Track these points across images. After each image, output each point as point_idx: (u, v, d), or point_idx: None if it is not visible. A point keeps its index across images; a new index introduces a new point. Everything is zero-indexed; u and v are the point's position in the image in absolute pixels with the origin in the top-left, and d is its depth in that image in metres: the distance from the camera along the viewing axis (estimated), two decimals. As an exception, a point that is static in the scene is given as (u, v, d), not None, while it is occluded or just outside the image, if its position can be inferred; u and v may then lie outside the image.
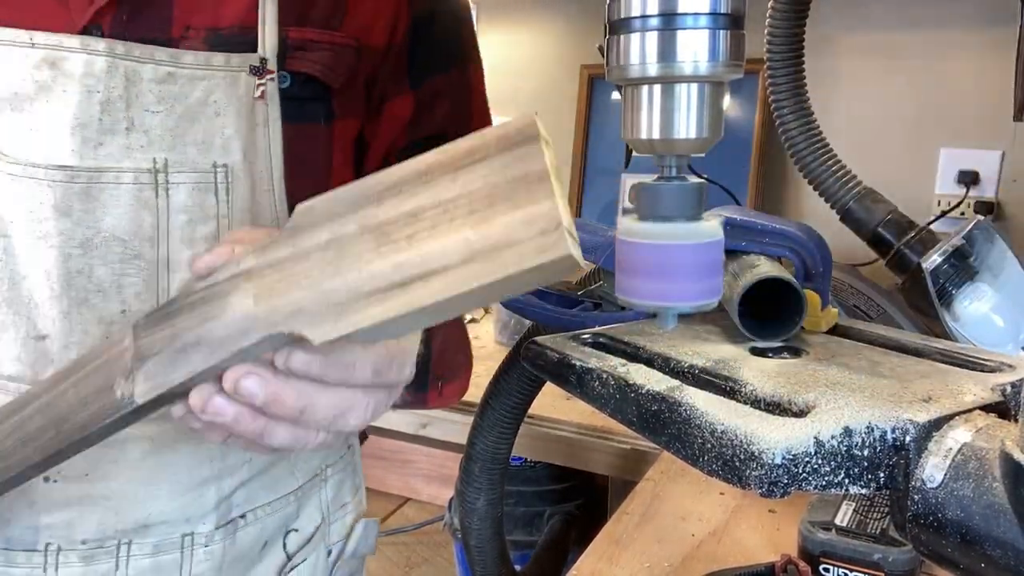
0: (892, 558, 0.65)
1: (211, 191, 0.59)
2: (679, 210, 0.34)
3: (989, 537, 0.34)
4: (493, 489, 0.87)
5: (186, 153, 0.58)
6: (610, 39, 0.34)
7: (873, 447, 0.38)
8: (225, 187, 0.59)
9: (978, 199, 1.54)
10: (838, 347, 0.53)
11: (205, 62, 0.58)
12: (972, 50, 1.50)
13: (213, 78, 0.58)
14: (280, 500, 0.71)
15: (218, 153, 0.59)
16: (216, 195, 0.59)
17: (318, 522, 0.75)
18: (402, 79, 0.70)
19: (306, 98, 0.63)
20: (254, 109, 0.60)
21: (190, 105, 0.58)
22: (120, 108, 0.56)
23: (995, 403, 0.41)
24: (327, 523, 0.77)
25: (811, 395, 0.42)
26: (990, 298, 0.89)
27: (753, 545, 0.82)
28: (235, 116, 0.59)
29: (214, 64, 0.58)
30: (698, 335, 0.54)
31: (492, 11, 1.97)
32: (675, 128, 0.34)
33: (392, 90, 0.69)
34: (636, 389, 0.45)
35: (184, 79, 0.57)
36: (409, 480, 1.92)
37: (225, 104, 0.59)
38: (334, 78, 0.64)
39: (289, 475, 0.72)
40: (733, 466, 0.38)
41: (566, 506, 1.46)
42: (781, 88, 0.87)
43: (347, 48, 0.64)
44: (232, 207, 0.60)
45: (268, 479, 0.69)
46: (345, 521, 0.80)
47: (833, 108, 1.62)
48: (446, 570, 1.68)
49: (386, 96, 0.69)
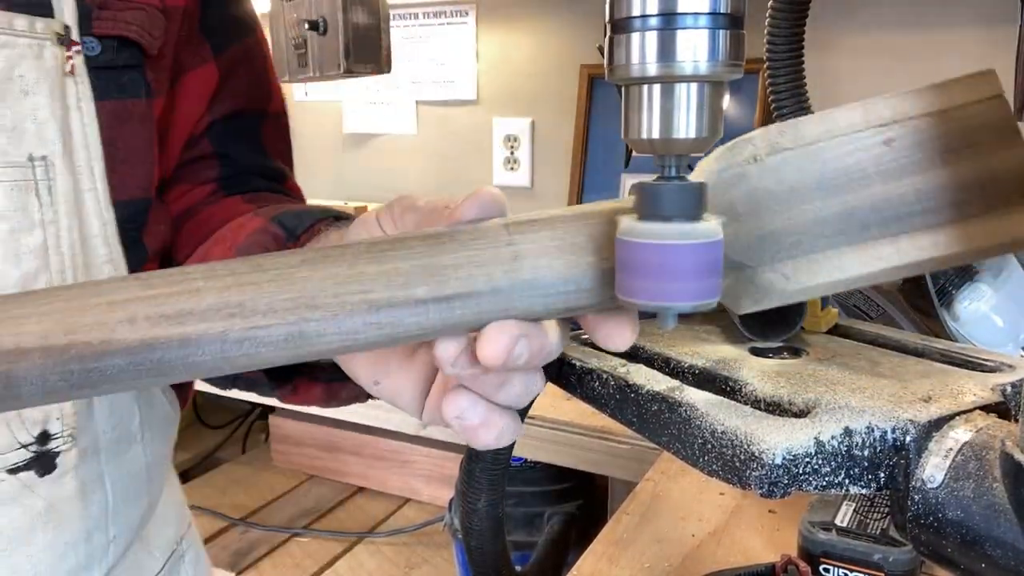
0: (892, 558, 0.65)
1: (31, 191, 0.47)
2: (679, 210, 0.34)
3: (989, 537, 0.34)
4: (494, 489, 0.87)
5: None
6: (610, 39, 0.34)
7: (873, 447, 0.38)
8: (47, 185, 0.48)
9: (978, 199, 1.54)
10: (838, 347, 0.53)
11: (7, 25, 0.46)
12: (972, 50, 1.50)
13: (15, 46, 0.46)
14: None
15: (33, 142, 0.47)
16: (38, 196, 0.48)
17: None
18: (202, 46, 0.60)
19: (122, 66, 0.52)
20: (65, 88, 0.49)
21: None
22: None
23: (995, 403, 0.41)
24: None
25: (811, 395, 0.42)
26: (990, 298, 0.89)
27: (753, 545, 0.82)
28: (47, 96, 0.48)
29: (17, 28, 0.46)
30: (698, 335, 0.54)
31: (492, 11, 1.97)
32: (675, 128, 0.34)
33: (191, 60, 0.60)
34: (636, 389, 0.45)
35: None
36: (409, 480, 1.92)
37: (34, 80, 0.47)
38: (151, 42, 0.53)
39: (149, 556, 0.63)
40: (733, 466, 0.38)
41: (566, 506, 1.46)
42: (781, 88, 0.87)
43: (153, 7, 0.54)
44: (57, 211, 0.48)
45: (132, 563, 0.61)
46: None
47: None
48: (446, 570, 1.68)
49: (185, 67, 0.60)
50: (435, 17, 2.05)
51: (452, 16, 2.02)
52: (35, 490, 0.52)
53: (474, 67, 2.03)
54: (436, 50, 2.07)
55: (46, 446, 0.52)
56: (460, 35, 2.03)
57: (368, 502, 1.95)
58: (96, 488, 0.56)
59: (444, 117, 2.10)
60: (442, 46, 2.06)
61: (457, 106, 2.08)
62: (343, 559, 1.74)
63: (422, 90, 2.11)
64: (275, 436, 2.10)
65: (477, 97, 2.04)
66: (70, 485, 0.54)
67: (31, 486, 0.52)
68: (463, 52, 2.03)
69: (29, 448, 0.51)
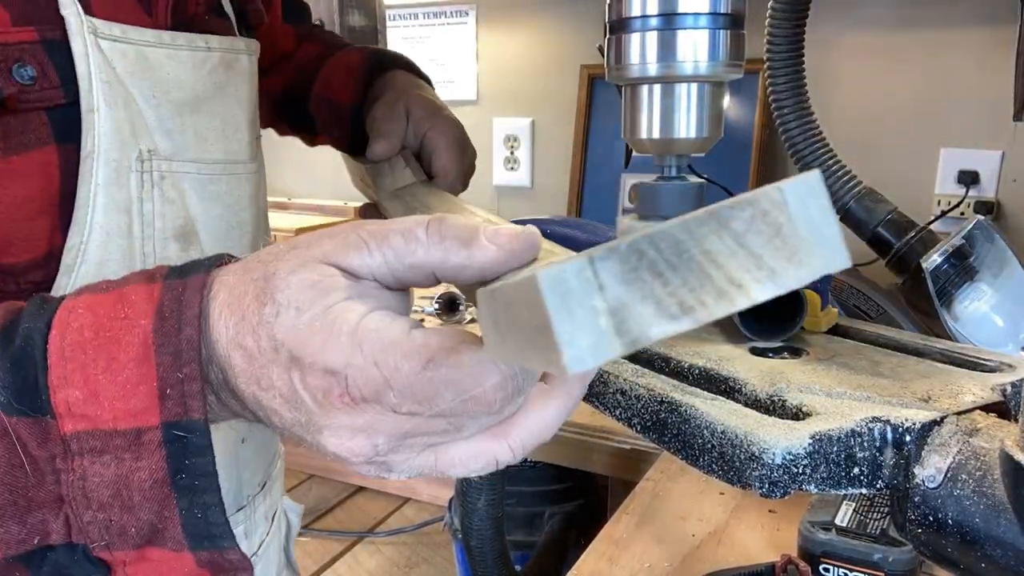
0: (892, 558, 0.65)
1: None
2: (679, 209, 0.34)
3: (989, 537, 0.34)
4: (494, 489, 0.87)
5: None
6: (610, 39, 0.34)
7: (873, 447, 0.38)
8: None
9: (978, 199, 1.54)
10: (838, 347, 0.53)
11: (229, 46, 0.59)
12: (972, 50, 1.50)
13: (236, 62, 0.61)
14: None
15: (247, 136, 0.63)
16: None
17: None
18: None
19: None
20: (253, 87, 0.63)
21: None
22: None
23: (995, 403, 0.41)
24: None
25: (811, 395, 0.42)
26: (990, 298, 0.89)
27: (753, 545, 0.82)
28: (248, 100, 0.62)
29: (237, 48, 0.60)
30: (698, 335, 0.54)
31: (492, 11, 1.97)
32: (675, 128, 0.34)
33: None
34: (636, 389, 0.45)
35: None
36: (409, 480, 1.91)
37: (241, 88, 0.60)
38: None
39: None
40: (733, 466, 0.38)
41: (566, 506, 1.46)
42: (781, 88, 0.87)
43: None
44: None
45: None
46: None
47: (833, 108, 1.62)
48: (446, 570, 1.68)
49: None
50: (435, 17, 2.05)
51: (452, 16, 2.02)
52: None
53: (474, 67, 2.03)
54: (436, 50, 2.07)
55: None
56: (460, 35, 2.03)
57: (368, 502, 1.95)
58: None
59: (444, 117, 2.10)
60: (442, 46, 2.06)
61: (457, 106, 2.07)
62: (343, 559, 1.74)
63: (422, 90, 2.11)
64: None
65: (477, 97, 2.04)
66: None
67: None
68: (463, 52, 2.03)
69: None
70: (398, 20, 2.07)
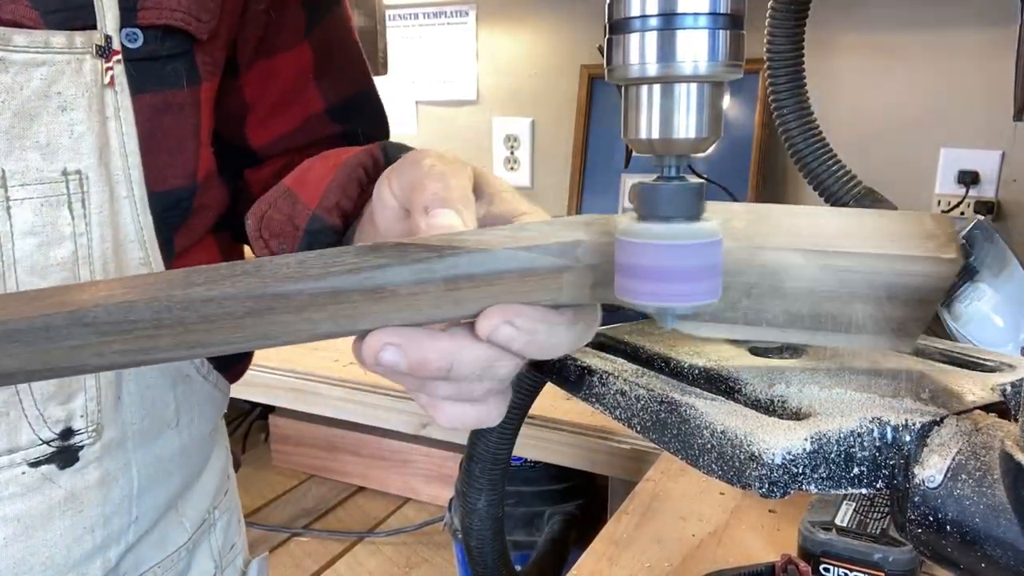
0: (892, 558, 0.65)
1: (63, 205, 0.48)
2: (679, 210, 0.34)
3: (989, 537, 0.34)
4: (494, 489, 0.87)
5: (27, 160, 0.46)
6: (610, 39, 0.34)
7: (873, 447, 0.38)
8: (80, 198, 0.48)
9: (978, 199, 1.54)
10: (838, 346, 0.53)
11: (43, 44, 0.46)
12: (972, 50, 1.50)
13: (54, 63, 0.46)
14: (170, 558, 0.63)
15: (67, 157, 0.48)
16: (70, 209, 0.48)
17: (211, 572, 0.68)
18: (296, 23, 0.60)
19: (165, 56, 0.51)
20: (104, 98, 0.49)
21: (27, 99, 0.46)
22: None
23: (995, 403, 0.41)
24: (220, 570, 0.70)
25: (811, 395, 0.42)
26: (990, 298, 0.89)
27: (753, 545, 0.82)
28: (85, 109, 0.48)
29: (54, 46, 0.46)
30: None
31: (492, 11, 1.97)
32: (675, 128, 0.34)
33: (283, 41, 0.60)
34: (636, 389, 0.45)
35: (17, 66, 0.45)
36: (409, 480, 1.92)
37: (72, 96, 0.47)
38: (199, 26, 0.52)
39: (178, 526, 0.64)
40: (733, 466, 0.38)
41: (566, 506, 1.46)
42: (781, 88, 0.87)
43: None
44: (90, 223, 0.49)
45: (157, 536, 0.61)
46: (236, 565, 0.72)
47: (833, 108, 1.62)
48: (446, 570, 1.68)
49: (278, 48, 0.60)
50: (435, 17, 2.05)
51: (452, 16, 2.03)
52: (56, 480, 0.52)
53: (474, 67, 2.03)
54: (436, 50, 2.07)
55: (69, 441, 0.52)
56: (460, 35, 2.03)
57: (368, 502, 1.95)
58: (121, 475, 0.56)
59: (444, 117, 2.10)
60: (442, 46, 2.06)
61: (457, 106, 2.08)
62: (343, 559, 1.74)
63: (422, 90, 2.11)
64: (275, 436, 2.10)
65: (477, 97, 2.04)
66: (92, 475, 0.53)
67: (52, 477, 0.51)
68: (463, 52, 2.03)
69: (51, 444, 0.51)
70: (398, 20, 2.07)
